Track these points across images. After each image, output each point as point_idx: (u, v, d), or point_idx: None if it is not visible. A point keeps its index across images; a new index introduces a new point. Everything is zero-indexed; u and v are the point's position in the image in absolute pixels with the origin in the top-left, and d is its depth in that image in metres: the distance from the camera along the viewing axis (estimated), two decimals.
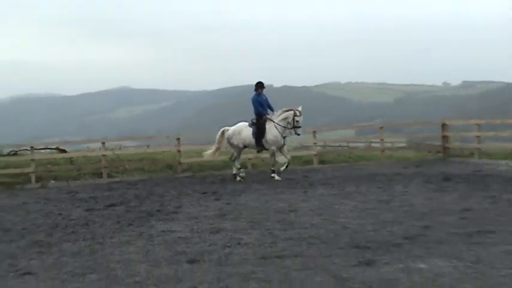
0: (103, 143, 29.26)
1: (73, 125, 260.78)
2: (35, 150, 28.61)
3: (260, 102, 24.00)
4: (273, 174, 23.68)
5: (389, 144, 32.65)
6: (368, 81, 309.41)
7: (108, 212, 17.31)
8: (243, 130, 24.13)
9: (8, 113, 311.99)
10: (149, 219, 15.66)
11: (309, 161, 29.08)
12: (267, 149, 24.19)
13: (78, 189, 23.57)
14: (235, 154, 24.66)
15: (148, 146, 34.71)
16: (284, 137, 23.72)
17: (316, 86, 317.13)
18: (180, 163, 27.77)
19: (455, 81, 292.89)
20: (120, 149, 34.13)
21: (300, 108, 23.51)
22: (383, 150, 30.39)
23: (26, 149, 29.24)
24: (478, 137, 27.99)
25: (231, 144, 24.53)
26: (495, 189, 18.04)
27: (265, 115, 23.77)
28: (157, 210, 17.04)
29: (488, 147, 28.05)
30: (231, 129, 24.62)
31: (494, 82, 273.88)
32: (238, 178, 23.88)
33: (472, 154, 27.86)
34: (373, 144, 32.83)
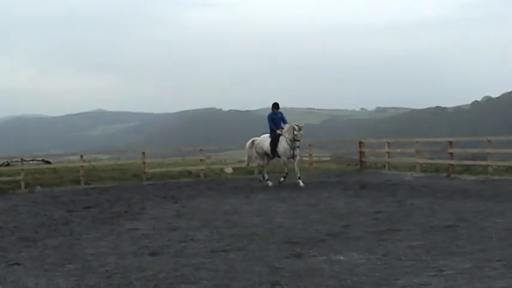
0: (81, 156, 29.32)
1: (57, 141, 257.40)
2: (24, 162, 28.42)
3: (273, 119, 23.52)
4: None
5: (316, 158, 32.79)
6: (299, 106, 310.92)
7: (85, 213, 17.15)
8: (265, 141, 23.61)
9: (2, 131, 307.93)
10: (118, 219, 15.59)
11: (251, 172, 29.07)
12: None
13: (60, 194, 23.34)
14: (261, 163, 24.26)
15: (118, 159, 34.52)
16: (294, 148, 22.78)
17: (257, 110, 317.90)
18: (144, 172, 27.64)
19: (370, 107, 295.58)
20: (95, 161, 33.97)
21: (300, 124, 22.90)
22: (311, 163, 30.60)
23: (16, 161, 29.00)
24: (388, 152, 28.33)
25: (257, 152, 24.16)
26: (401, 195, 18.23)
27: (275, 130, 23.19)
28: (125, 212, 16.96)
29: (396, 161, 28.34)
30: (257, 139, 24.32)
31: (402, 108, 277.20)
32: (269, 183, 23.20)
33: (383, 166, 28.15)
34: (303, 158, 32.87)
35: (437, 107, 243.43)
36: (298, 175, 22.86)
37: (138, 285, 8.38)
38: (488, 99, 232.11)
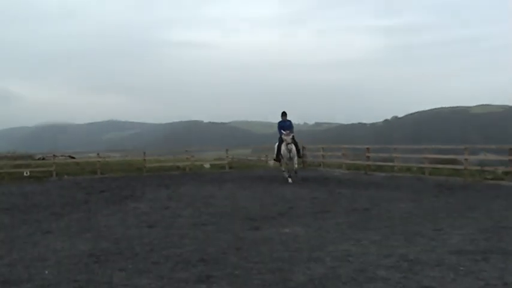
0: (98, 154, 29.08)
1: (79, 142, 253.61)
2: (55, 157, 28.23)
3: (281, 126, 20.95)
4: (289, 179, 20.33)
5: (270, 159, 32.80)
6: (258, 120, 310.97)
7: (100, 195, 17.00)
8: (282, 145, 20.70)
9: (38, 134, 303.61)
10: (125, 200, 15.48)
11: (223, 167, 29.02)
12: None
13: (81, 181, 23.10)
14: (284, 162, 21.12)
15: (126, 156, 34.27)
16: (290, 151, 20.23)
17: (230, 122, 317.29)
18: (145, 167, 27.46)
19: (311, 121, 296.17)
20: (108, 157, 33.64)
21: (287, 131, 20.47)
22: (267, 162, 30.62)
23: (50, 156, 28.74)
24: (323, 155, 28.51)
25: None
26: (331, 186, 18.37)
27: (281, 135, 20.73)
28: (130, 195, 16.83)
29: (328, 161, 28.52)
30: None
31: (334, 123, 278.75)
32: (289, 180, 20.24)
33: (319, 165, 28.30)
34: (261, 158, 32.88)
35: (358, 122, 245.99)
36: (291, 173, 20.63)
37: (139, 249, 8.35)
38: (395, 118, 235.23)
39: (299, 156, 21.59)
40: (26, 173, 25.25)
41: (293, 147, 20.58)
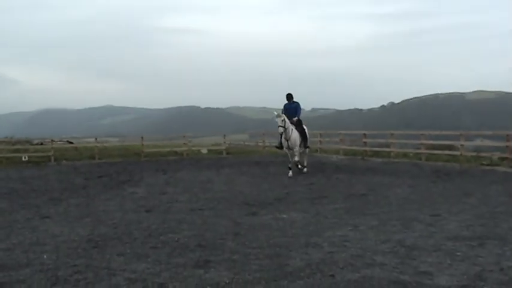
0: (96, 139, 29.04)
1: (77, 127, 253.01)
2: (53, 142, 28.14)
3: (286, 109, 17.78)
4: (289, 171, 17.16)
5: (268, 144, 32.79)
6: (254, 105, 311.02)
7: (98, 180, 16.97)
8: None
9: (36, 120, 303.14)
10: (123, 185, 15.46)
11: (220, 152, 29.00)
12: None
13: (79, 166, 23.08)
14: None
15: (123, 141, 34.19)
16: (288, 140, 17.38)
17: (227, 108, 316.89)
18: (142, 152, 27.41)
19: (307, 107, 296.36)
20: (106, 142, 33.58)
21: (276, 116, 17.42)
22: (264, 147, 30.65)
23: (48, 141, 28.63)
24: (320, 141, 28.49)
25: None
26: (329, 171, 18.36)
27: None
28: (128, 180, 16.80)
29: (326, 147, 28.50)
30: None
31: (330, 109, 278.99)
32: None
33: (316, 151, 28.28)
34: (259, 143, 32.86)
35: (355, 108, 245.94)
36: (292, 165, 17.49)
37: (137, 234, 8.32)
38: (392, 104, 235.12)
39: (305, 146, 18.24)
40: (24, 157, 25.21)
41: (293, 133, 17.33)
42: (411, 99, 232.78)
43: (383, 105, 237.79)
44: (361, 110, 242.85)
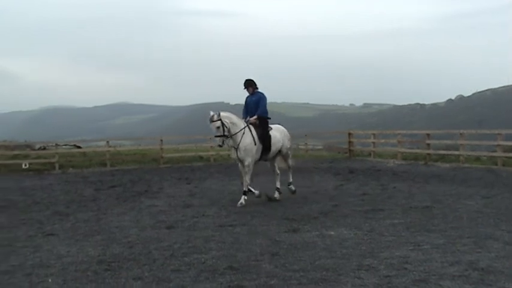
0: (107, 142, 29.34)
1: (86, 129, 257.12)
2: (58, 146, 28.54)
3: (246, 104, 15.11)
4: (243, 197, 13.76)
5: (311, 147, 32.74)
6: (296, 101, 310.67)
7: (110, 191, 17.17)
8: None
9: (39, 119, 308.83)
10: (139, 197, 15.61)
11: None
12: None
13: (88, 175, 23.38)
14: None
15: (139, 145, 34.50)
16: (237, 150, 14.62)
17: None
18: (162, 157, 27.61)
19: (358, 103, 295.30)
20: (119, 146, 33.96)
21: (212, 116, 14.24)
22: (307, 151, 30.64)
23: (52, 145, 29.04)
24: (373, 142, 28.29)
25: None
26: (384, 179, 18.22)
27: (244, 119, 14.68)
28: (145, 191, 16.96)
29: (380, 150, 28.31)
30: None
31: (386, 104, 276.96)
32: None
33: (369, 155, 28.10)
34: (300, 146, 32.84)
35: (416, 103, 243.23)
36: (247, 187, 14.31)
37: (156, 254, 8.40)
38: (461, 98, 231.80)
39: (266, 159, 15.44)
40: (25, 165, 25.62)
41: (244, 139, 14.21)
42: (484, 91, 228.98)
43: (450, 99, 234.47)
44: (423, 105, 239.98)
